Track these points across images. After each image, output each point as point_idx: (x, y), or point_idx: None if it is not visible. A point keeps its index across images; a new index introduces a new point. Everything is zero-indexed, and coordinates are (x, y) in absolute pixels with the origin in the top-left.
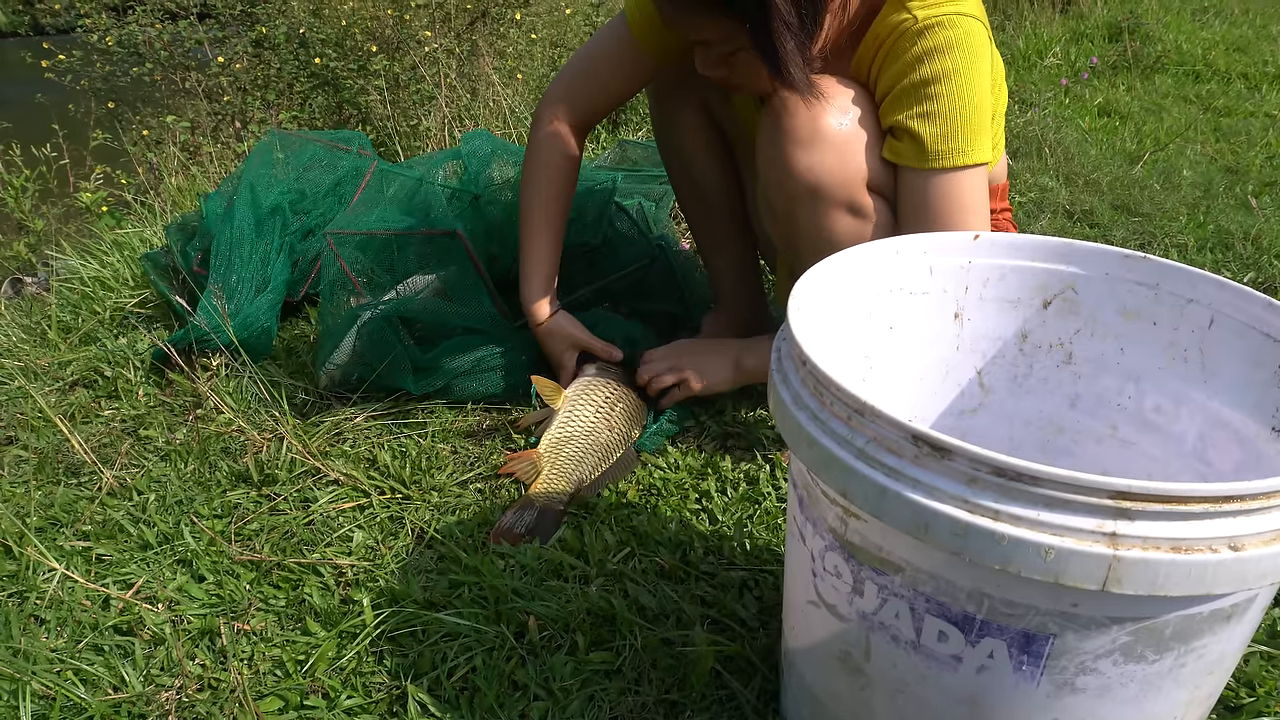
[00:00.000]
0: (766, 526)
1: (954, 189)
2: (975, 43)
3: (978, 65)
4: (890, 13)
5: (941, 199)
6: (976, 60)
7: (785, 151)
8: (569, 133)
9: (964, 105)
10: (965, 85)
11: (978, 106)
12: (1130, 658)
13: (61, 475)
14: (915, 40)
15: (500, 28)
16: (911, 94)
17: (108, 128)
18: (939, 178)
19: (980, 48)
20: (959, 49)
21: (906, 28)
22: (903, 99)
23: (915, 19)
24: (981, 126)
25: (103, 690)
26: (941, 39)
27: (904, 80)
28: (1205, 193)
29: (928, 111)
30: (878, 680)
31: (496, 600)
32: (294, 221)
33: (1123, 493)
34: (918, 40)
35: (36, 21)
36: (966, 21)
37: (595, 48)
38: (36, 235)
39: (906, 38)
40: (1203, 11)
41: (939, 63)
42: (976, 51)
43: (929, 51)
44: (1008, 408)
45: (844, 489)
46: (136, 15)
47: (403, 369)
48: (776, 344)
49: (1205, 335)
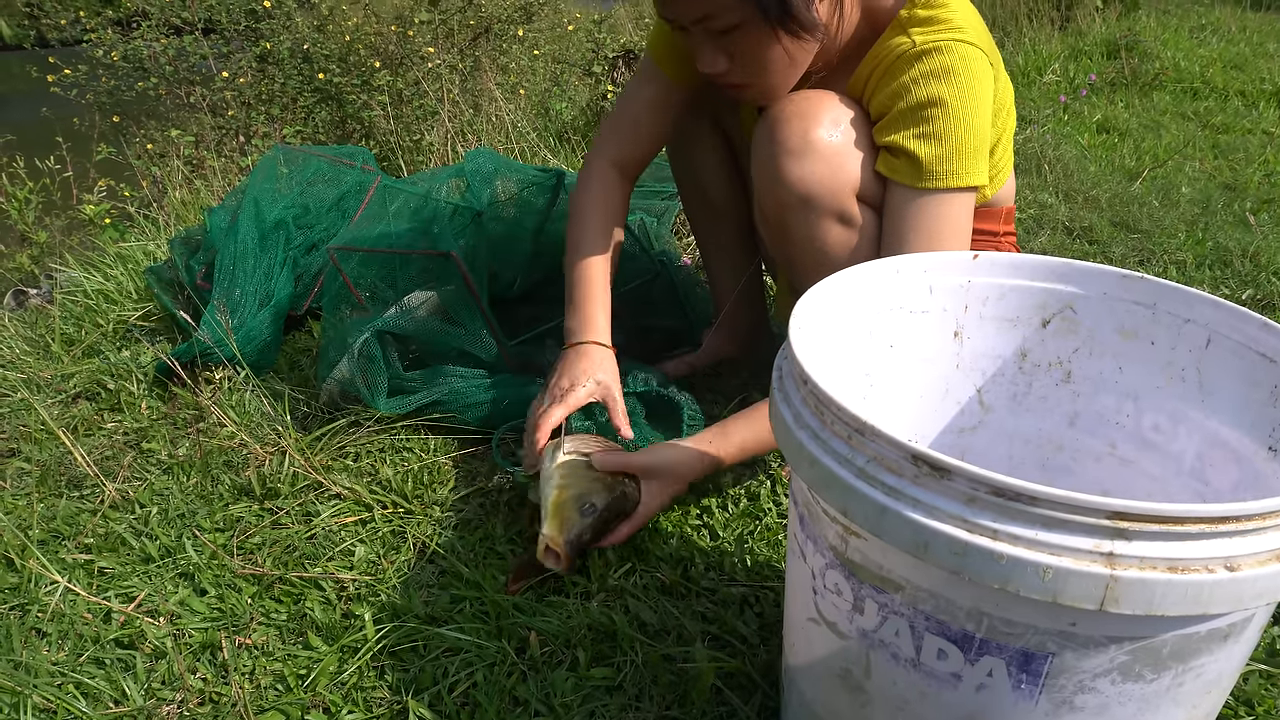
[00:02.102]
0: (767, 543)
1: (945, 210)
2: (975, 69)
3: (976, 91)
4: (891, 36)
5: (931, 219)
6: (974, 86)
7: (778, 161)
8: (609, 168)
9: (962, 130)
10: (963, 110)
11: (975, 131)
12: (1128, 677)
13: (64, 488)
14: (913, 64)
15: (503, 44)
16: (909, 116)
17: (112, 141)
18: (931, 198)
19: (980, 74)
20: (956, 74)
21: (904, 51)
22: (900, 120)
23: (914, 43)
24: (978, 151)
25: (104, 704)
26: (939, 64)
27: (901, 103)
28: (1204, 209)
29: (925, 133)
30: (878, 698)
31: (498, 615)
32: (297, 236)
33: (1120, 513)
34: (914, 64)
35: (42, 35)
36: (965, 48)
37: (628, 90)
38: (40, 247)
39: (904, 61)
40: (1200, 29)
41: (936, 87)
42: (975, 76)
43: (925, 75)
44: (1007, 426)
45: (844, 508)
46: (142, 30)
47: (378, 388)
48: (778, 362)
49: (1203, 355)
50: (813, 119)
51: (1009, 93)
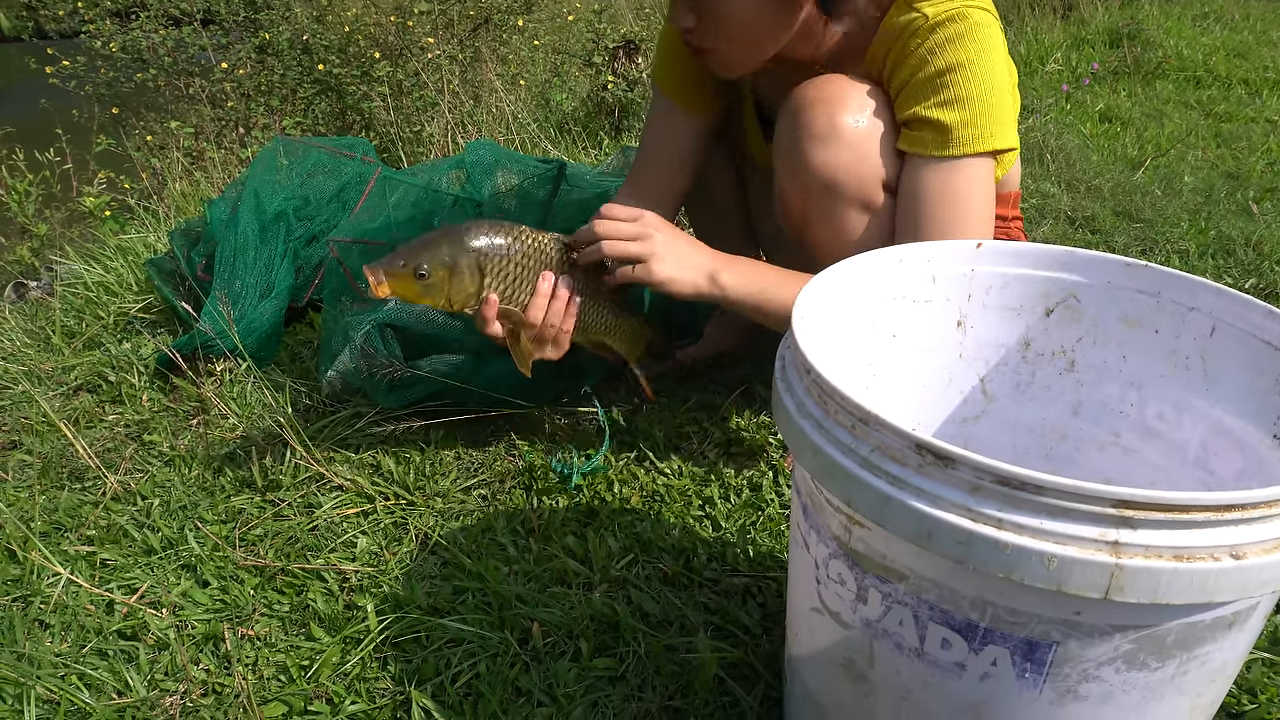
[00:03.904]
0: (769, 533)
1: (970, 177)
2: (989, 32)
3: (994, 53)
4: (899, 14)
5: (957, 187)
6: (992, 48)
7: (802, 147)
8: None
9: (985, 91)
10: (984, 72)
11: (999, 91)
12: (1133, 665)
13: (66, 480)
14: (928, 35)
15: (503, 34)
16: (928, 85)
17: (111, 133)
18: (955, 164)
19: (994, 37)
20: (972, 37)
21: (918, 25)
22: (919, 91)
23: (926, 16)
24: (1005, 112)
25: (107, 695)
26: (953, 31)
27: (919, 74)
28: (1206, 198)
29: (947, 100)
30: (881, 687)
31: (500, 606)
32: (298, 227)
33: (1125, 501)
34: (929, 35)
35: (40, 27)
36: (977, 13)
37: (645, 127)
38: (40, 240)
39: (919, 34)
40: (1203, 17)
41: (954, 53)
42: (991, 39)
43: (942, 44)
44: (1010, 415)
45: (848, 497)
46: (141, 21)
47: (380, 380)
48: (781, 352)
49: (1207, 343)
50: (839, 104)
51: (1013, 71)
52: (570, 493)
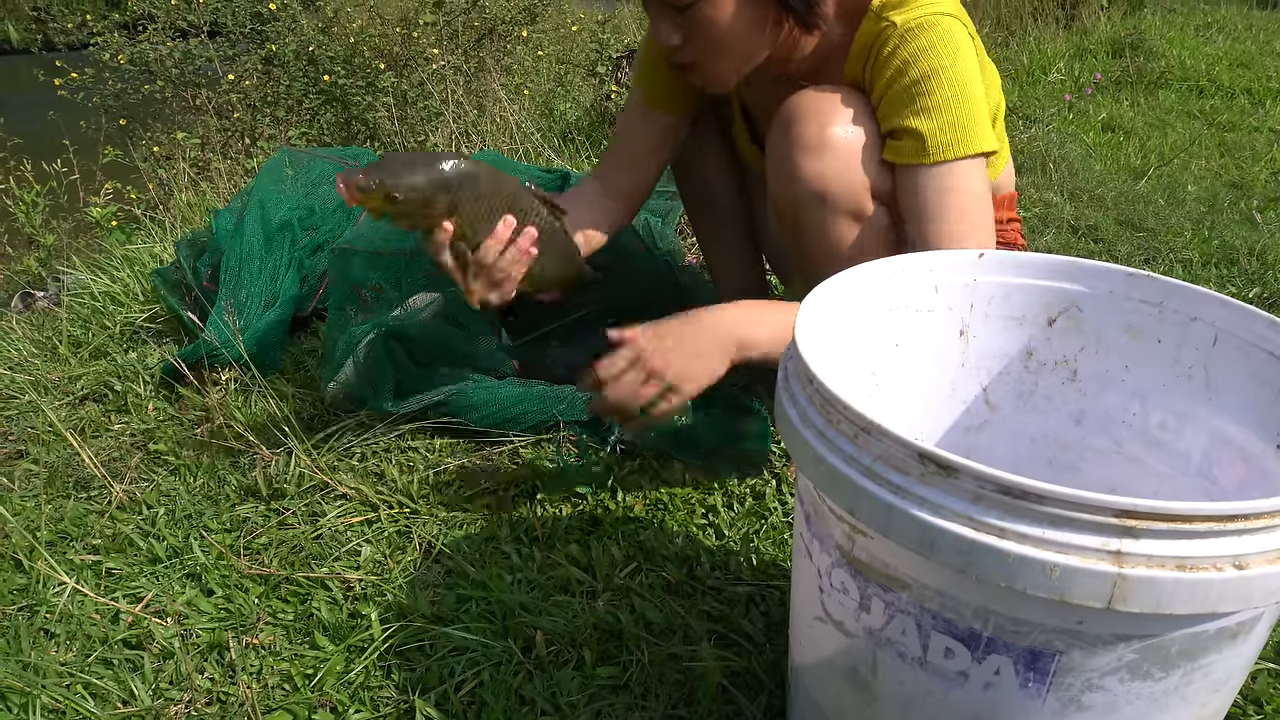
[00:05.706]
0: (773, 542)
1: (960, 179)
2: (957, 37)
3: (964, 58)
4: (870, 24)
5: (948, 192)
6: (961, 54)
7: (794, 158)
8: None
9: (958, 96)
10: (956, 78)
11: (972, 97)
12: (1136, 675)
13: (71, 489)
14: (899, 45)
15: (507, 45)
16: (904, 96)
17: (118, 144)
18: (941, 169)
19: (963, 42)
20: (942, 45)
21: (889, 34)
22: (897, 102)
23: (895, 25)
24: (979, 115)
25: (112, 704)
26: (924, 40)
27: (895, 85)
28: (1210, 208)
29: (923, 108)
30: (884, 696)
31: (504, 615)
32: (303, 237)
33: (1128, 511)
34: (901, 45)
35: (48, 39)
36: (945, 20)
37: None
38: (47, 250)
39: (890, 44)
40: (1206, 27)
41: (925, 62)
42: (959, 45)
43: (914, 54)
44: (1013, 425)
45: (851, 507)
46: (148, 34)
47: (384, 390)
48: (783, 362)
49: (1210, 353)
50: (828, 115)
51: (992, 73)
52: (574, 501)
